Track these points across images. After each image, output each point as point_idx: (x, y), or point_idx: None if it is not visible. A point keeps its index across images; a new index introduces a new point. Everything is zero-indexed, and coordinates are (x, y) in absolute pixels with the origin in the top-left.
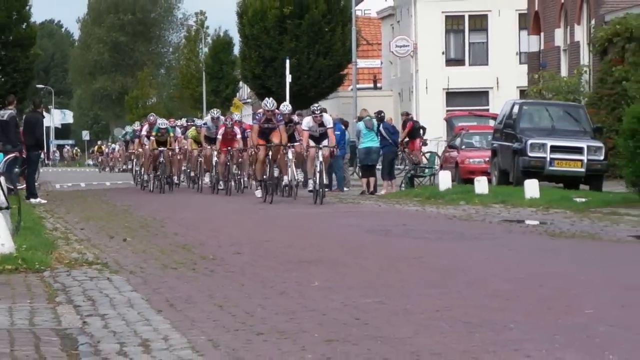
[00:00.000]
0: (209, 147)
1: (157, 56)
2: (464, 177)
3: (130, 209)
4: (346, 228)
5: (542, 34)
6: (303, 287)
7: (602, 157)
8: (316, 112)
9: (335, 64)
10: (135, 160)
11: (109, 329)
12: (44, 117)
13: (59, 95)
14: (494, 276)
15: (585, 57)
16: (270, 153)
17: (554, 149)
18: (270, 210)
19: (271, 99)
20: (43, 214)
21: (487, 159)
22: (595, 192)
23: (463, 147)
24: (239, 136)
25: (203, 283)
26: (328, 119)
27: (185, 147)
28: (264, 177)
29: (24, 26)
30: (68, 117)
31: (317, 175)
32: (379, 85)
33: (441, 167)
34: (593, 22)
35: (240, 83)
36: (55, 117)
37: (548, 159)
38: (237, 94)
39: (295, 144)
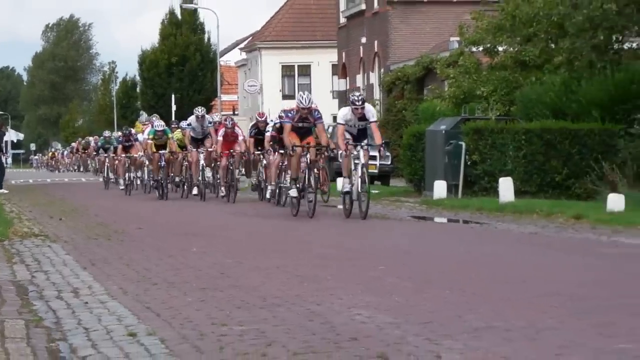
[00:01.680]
0: (194, 150)
1: (82, 92)
2: None
3: (64, 198)
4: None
5: (347, 78)
6: (185, 252)
7: (389, 162)
8: (357, 102)
9: (206, 98)
10: (109, 166)
11: (50, 280)
12: (4, 133)
13: (13, 119)
14: (319, 245)
15: (377, 93)
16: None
17: None
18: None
19: (307, 93)
20: (3, 201)
21: None
22: (385, 186)
23: None
24: (241, 138)
25: (115, 249)
26: (372, 111)
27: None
28: (296, 184)
29: None
30: (20, 135)
31: (359, 181)
32: (237, 113)
33: None
34: (382, 70)
35: (141, 111)
36: (11, 135)
37: None
38: (139, 118)
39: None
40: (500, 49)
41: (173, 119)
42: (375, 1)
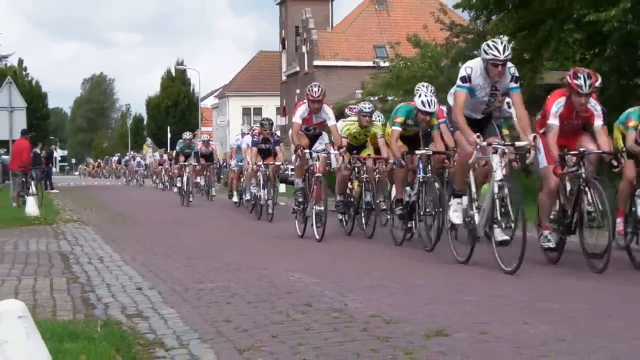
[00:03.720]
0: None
1: (107, 124)
2: None
3: (95, 195)
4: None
5: (286, 116)
6: (180, 234)
7: None
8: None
9: (191, 129)
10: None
11: (83, 251)
12: (53, 152)
13: (60, 142)
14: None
15: None
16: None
17: None
18: None
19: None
20: (53, 198)
21: None
22: None
23: None
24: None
25: (129, 231)
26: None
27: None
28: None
29: (44, 110)
30: (64, 152)
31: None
32: (212, 140)
33: None
34: None
35: (147, 137)
36: (58, 152)
37: None
38: (145, 142)
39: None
40: (389, 98)
41: (169, 144)
42: (305, 65)
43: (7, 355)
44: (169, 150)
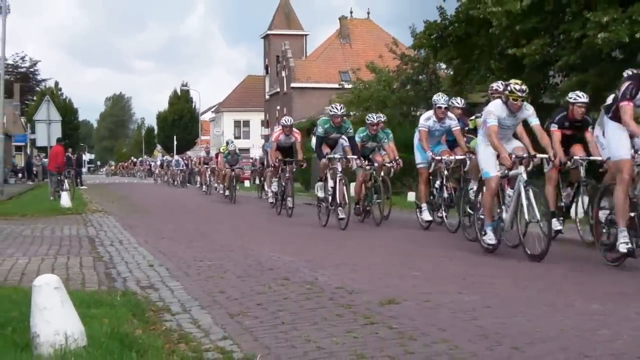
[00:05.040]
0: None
1: (125, 134)
2: None
3: (116, 191)
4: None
5: (269, 127)
6: (182, 220)
7: None
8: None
9: (192, 138)
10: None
11: (106, 236)
12: (82, 155)
13: (89, 148)
14: (264, 222)
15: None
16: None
17: None
18: None
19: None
20: (82, 192)
21: None
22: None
23: None
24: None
25: (143, 219)
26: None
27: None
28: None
29: (75, 122)
30: (92, 156)
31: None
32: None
33: None
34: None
35: (157, 145)
36: (87, 156)
37: None
38: (156, 148)
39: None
40: (352, 113)
41: (175, 150)
42: (285, 87)
43: (46, 318)
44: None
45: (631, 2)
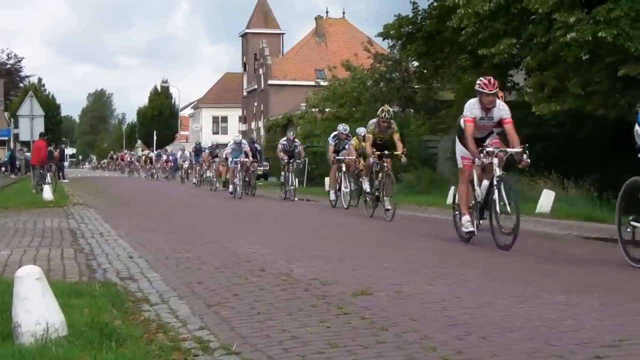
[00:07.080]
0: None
1: (106, 129)
2: None
3: (98, 184)
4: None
5: (247, 123)
6: (166, 213)
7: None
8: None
9: (172, 133)
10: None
11: (87, 228)
12: (64, 150)
13: (71, 142)
14: (245, 214)
15: (262, 133)
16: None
17: None
18: None
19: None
20: (64, 186)
21: None
22: (265, 181)
23: None
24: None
25: (123, 211)
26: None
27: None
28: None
29: (57, 117)
30: (73, 150)
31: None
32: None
33: None
34: (265, 120)
35: (138, 139)
36: (68, 150)
37: None
38: (137, 143)
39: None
40: (327, 110)
41: (155, 145)
42: (262, 84)
43: (27, 308)
44: (154, 150)
45: (593, 4)
